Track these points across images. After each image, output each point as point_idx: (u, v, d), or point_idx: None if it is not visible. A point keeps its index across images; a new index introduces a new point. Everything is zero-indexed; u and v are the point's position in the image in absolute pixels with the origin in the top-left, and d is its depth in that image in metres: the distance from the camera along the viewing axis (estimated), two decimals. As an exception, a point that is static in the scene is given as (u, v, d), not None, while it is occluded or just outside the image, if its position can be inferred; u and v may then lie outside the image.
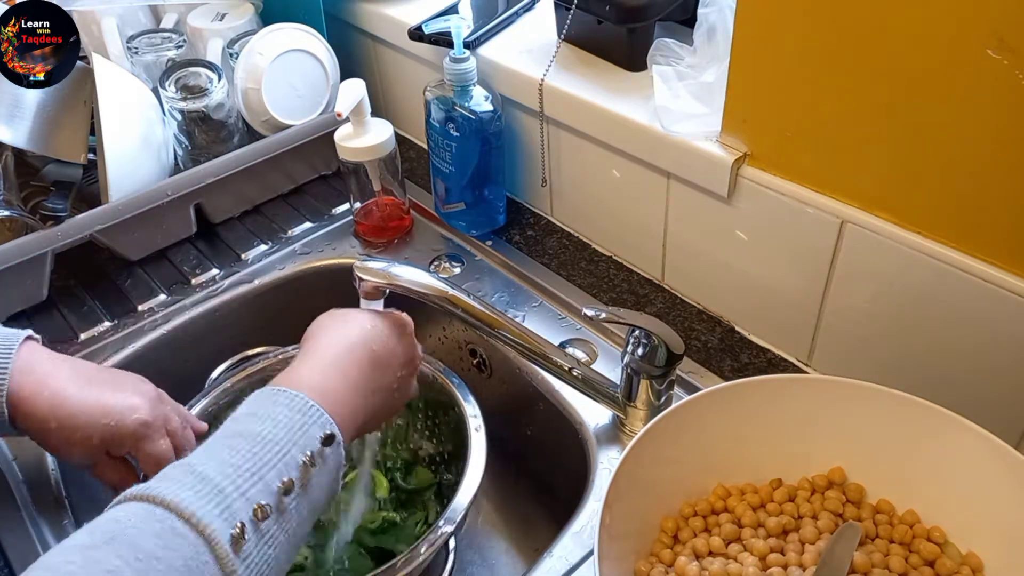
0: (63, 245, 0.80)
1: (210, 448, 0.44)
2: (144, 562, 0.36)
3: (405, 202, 0.91)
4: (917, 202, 0.57)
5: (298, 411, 0.47)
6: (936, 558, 0.53)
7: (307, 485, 0.45)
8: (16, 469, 0.68)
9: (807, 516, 0.56)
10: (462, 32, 0.78)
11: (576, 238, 0.88)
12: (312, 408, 0.47)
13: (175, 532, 0.38)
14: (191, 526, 0.38)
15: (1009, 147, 0.50)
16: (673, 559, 0.55)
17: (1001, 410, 0.58)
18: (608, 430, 0.68)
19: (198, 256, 0.89)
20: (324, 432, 0.47)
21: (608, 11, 0.74)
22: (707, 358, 0.74)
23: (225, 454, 0.43)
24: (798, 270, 0.67)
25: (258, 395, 0.49)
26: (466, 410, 0.67)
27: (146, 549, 0.37)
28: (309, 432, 0.46)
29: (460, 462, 0.64)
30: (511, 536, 0.81)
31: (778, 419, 0.58)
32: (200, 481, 0.41)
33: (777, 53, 0.59)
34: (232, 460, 0.42)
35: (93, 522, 0.39)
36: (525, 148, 0.87)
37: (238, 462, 0.42)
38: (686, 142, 0.68)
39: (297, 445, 0.45)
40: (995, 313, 0.55)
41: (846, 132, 0.58)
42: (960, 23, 0.49)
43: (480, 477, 0.62)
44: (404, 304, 0.67)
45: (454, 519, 0.59)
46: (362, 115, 0.82)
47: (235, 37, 0.96)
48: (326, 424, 0.48)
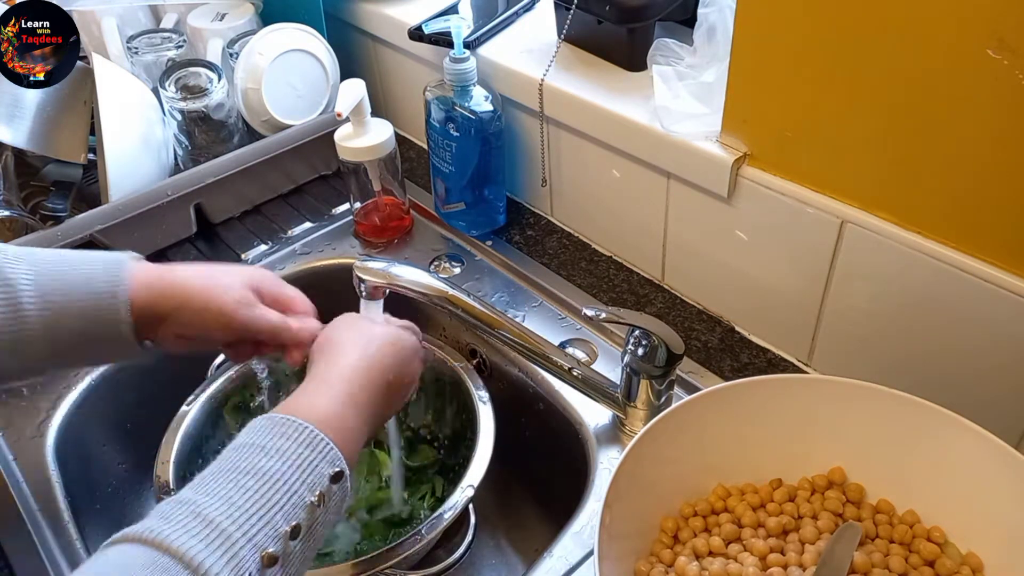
0: (63, 245, 0.80)
1: (216, 485, 0.42)
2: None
3: (405, 202, 0.91)
4: (917, 202, 0.57)
5: (307, 446, 0.45)
6: (936, 558, 0.53)
7: (313, 527, 0.43)
8: (16, 469, 0.68)
9: (807, 516, 0.56)
10: (462, 32, 0.78)
11: (576, 238, 0.88)
12: (321, 442, 0.45)
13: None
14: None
15: (1009, 147, 0.50)
16: (673, 559, 0.55)
17: (1001, 410, 0.58)
18: (608, 430, 0.68)
19: (198, 256, 0.89)
20: (333, 469, 0.45)
21: (608, 11, 0.74)
22: (707, 358, 0.74)
23: (232, 493, 0.41)
24: (798, 270, 0.67)
25: (265, 423, 0.46)
26: (471, 386, 0.70)
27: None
28: (318, 469, 0.44)
29: (461, 446, 0.65)
30: (511, 536, 0.81)
31: (778, 419, 0.58)
32: (207, 526, 0.39)
33: (777, 53, 0.59)
34: (239, 501, 0.40)
35: (88, 564, 0.37)
36: (525, 148, 0.87)
37: (245, 504, 0.40)
38: (686, 142, 0.68)
39: (306, 484, 0.43)
40: (995, 313, 0.55)
41: (846, 132, 0.58)
42: (960, 23, 0.49)
43: (491, 443, 0.65)
44: (404, 304, 0.67)
45: (474, 481, 0.62)
46: (362, 115, 0.82)
47: (235, 37, 0.96)
48: (335, 460, 0.46)
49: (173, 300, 0.55)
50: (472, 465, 0.64)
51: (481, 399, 0.69)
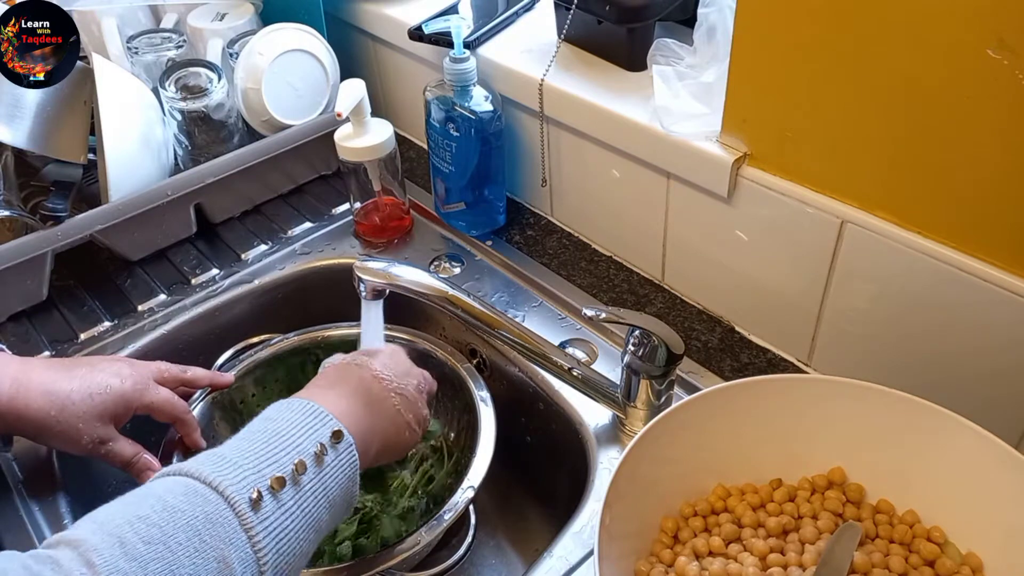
0: (63, 245, 0.80)
1: (232, 443, 0.48)
2: (169, 512, 0.41)
3: (405, 202, 0.91)
4: (917, 202, 0.57)
5: (309, 414, 0.50)
6: (936, 558, 0.53)
7: (322, 469, 0.48)
8: (16, 469, 0.68)
9: (807, 516, 0.56)
10: (462, 32, 0.78)
11: (576, 238, 0.88)
12: (322, 412, 0.51)
13: (197, 492, 0.43)
14: (212, 488, 0.43)
15: (1009, 147, 0.50)
16: (673, 559, 0.55)
17: (1001, 410, 0.58)
18: (608, 430, 0.68)
19: (198, 256, 0.89)
20: (332, 430, 0.50)
21: (608, 11, 0.74)
22: (707, 358, 0.74)
23: (243, 444, 0.47)
24: (798, 270, 0.67)
25: (274, 405, 0.52)
26: (471, 384, 0.71)
27: (172, 503, 0.42)
28: (319, 431, 0.49)
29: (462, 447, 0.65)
30: (511, 536, 0.81)
31: (778, 419, 0.58)
32: (220, 459, 0.45)
33: (777, 53, 0.59)
34: (249, 448, 0.47)
35: (139, 489, 0.44)
36: (525, 148, 0.87)
37: (255, 448, 0.47)
38: (686, 142, 0.68)
39: (309, 439, 0.48)
40: (995, 313, 0.55)
41: (846, 132, 0.58)
42: (960, 23, 0.49)
43: (492, 444, 0.65)
44: (404, 304, 0.67)
45: (475, 482, 0.63)
46: (362, 115, 0.82)
47: (235, 37, 0.96)
48: (334, 426, 0.50)
49: (26, 428, 0.59)
50: (473, 465, 0.64)
51: (482, 399, 0.69)
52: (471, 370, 0.72)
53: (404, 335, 0.77)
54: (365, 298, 0.66)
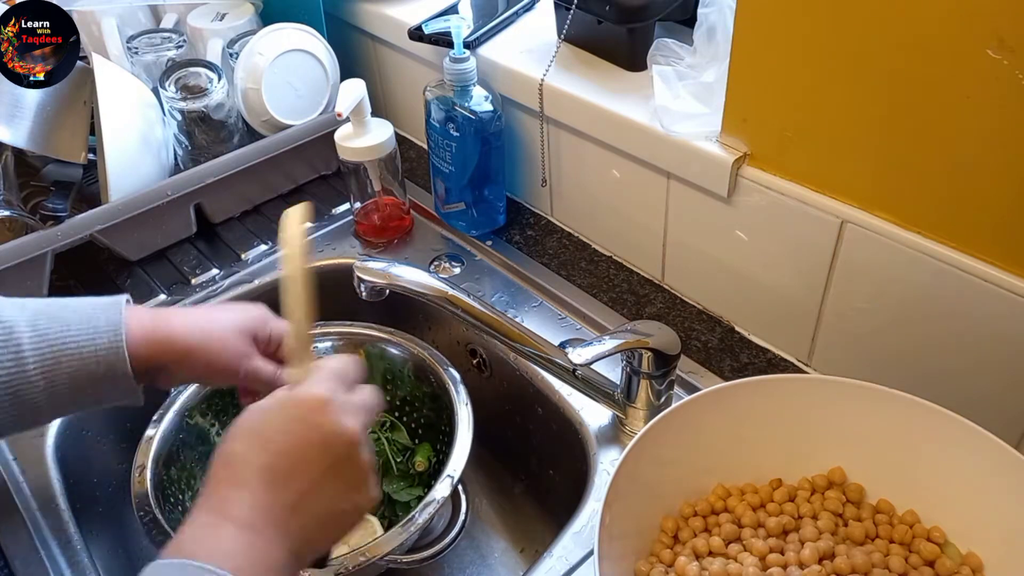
0: (63, 245, 0.80)
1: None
2: None
3: (405, 202, 0.91)
4: (917, 202, 0.57)
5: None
6: (936, 558, 0.53)
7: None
8: (16, 469, 0.68)
9: (807, 516, 0.56)
10: (462, 32, 0.78)
11: (576, 238, 0.88)
12: None
13: None
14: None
15: (1009, 147, 0.50)
16: (673, 559, 0.54)
17: (1001, 410, 0.58)
18: (608, 430, 0.68)
19: (198, 256, 0.89)
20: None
21: (608, 11, 0.74)
22: (707, 358, 0.74)
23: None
24: (798, 270, 0.67)
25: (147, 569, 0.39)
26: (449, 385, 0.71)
27: None
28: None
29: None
30: (511, 536, 0.81)
31: (778, 419, 0.58)
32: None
33: (777, 53, 0.59)
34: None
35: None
36: (525, 148, 0.87)
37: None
38: (686, 142, 0.68)
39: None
40: (995, 313, 0.55)
41: (846, 132, 0.58)
42: (960, 23, 0.49)
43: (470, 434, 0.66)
44: (404, 304, 0.67)
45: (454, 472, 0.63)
46: (362, 115, 0.82)
47: (235, 37, 0.96)
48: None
49: (171, 355, 0.57)
50: (452, 456, 0.65)
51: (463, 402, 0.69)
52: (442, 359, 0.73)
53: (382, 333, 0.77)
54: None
